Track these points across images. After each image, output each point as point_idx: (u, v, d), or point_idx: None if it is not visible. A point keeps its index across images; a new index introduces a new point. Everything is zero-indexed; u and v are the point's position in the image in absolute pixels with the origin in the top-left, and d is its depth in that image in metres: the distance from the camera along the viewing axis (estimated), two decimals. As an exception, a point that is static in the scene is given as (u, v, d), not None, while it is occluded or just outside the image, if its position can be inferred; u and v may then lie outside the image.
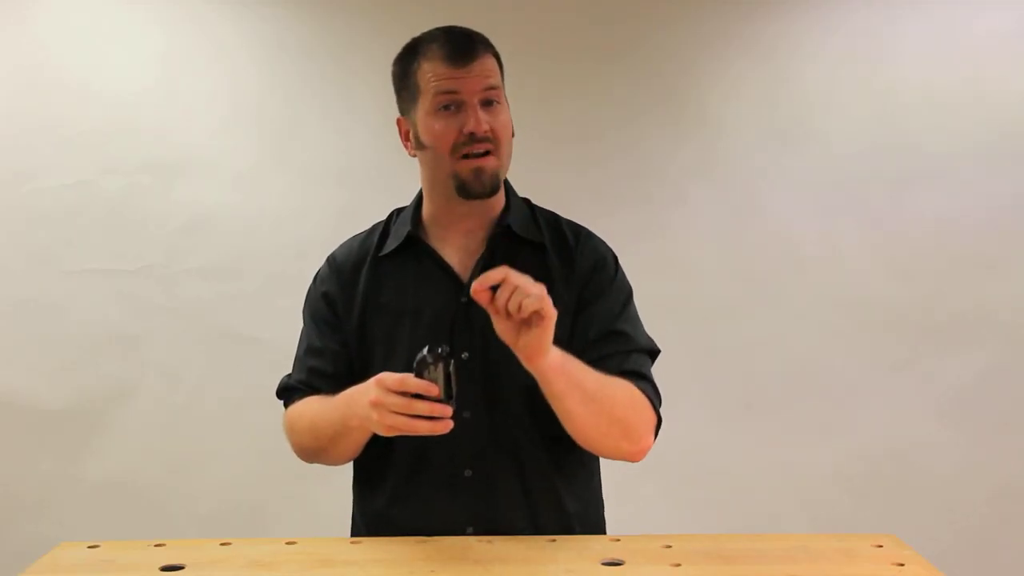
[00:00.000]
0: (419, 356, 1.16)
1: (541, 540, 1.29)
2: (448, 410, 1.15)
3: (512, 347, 1.20)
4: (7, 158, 2.76)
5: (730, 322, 2.80)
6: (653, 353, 1.43)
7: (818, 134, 2.80)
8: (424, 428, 1.16)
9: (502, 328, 1.19)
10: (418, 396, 1.15)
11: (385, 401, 1.16)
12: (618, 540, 1.29)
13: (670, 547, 1.24)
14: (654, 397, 1.37)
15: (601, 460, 1.49)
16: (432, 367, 1.15)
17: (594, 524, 1.48)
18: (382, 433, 1.21)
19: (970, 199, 2.76)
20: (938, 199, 2.77)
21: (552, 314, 1.16)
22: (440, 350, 1.16)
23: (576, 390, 1.25)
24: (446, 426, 1.16)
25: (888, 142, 2.78)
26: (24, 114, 2.76)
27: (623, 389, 1.32)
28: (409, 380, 1.16)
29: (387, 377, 1.18)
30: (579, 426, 1.30)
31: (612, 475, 1.53)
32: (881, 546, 1.25)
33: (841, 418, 2.78)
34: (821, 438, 2.78)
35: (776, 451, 2.79)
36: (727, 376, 2.80)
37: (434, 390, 1.15)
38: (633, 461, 1.36)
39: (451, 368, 1.16)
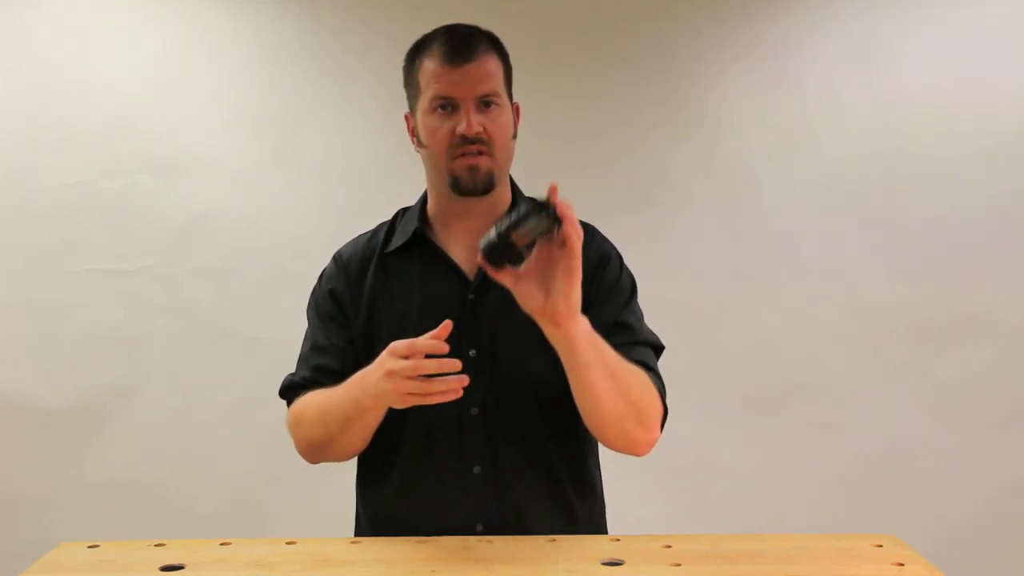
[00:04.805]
0: (535, 202, 1.11)
1: (541, 540, 1.29)
2: (458, 364, 1.15)
3: (539, 314, 1.16)
4: (7, 158, 2.76)
5: (730, 322, 2.80)
6: (657, 348, 1.43)
7: (818, 135, 2.79)
8: (438, 389, 1.16)
9: (527, 292, 1.16)
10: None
11: (397, 368, 1.17)
12: (618, 540, 1.29)
13: (670, 547, 1.24)
14: (661, 388, 1.36)
15: (602, 459, 1.49)
16: (543, 217, 1.10)
17: (598, 523, 1.48)
18: (397, 405, 1.20)
19: (970, 200, 2.76)
20: (938, 199, 2.77)
21: (576, 251, 1.13)
22: (550, 208, 1.10)
23: (601, 362, 1.22)
24: (461, 381, 1.15)
25: (888, 143, 2.77)
26: (24, 114, 2.76)
27: (637, 373, 1.31)
28: (418, 341, 1.16)
29: (397, 344, 1.18)
30: (598, 403, 1.25)
31: (612, 475, 1.53)
32: (881, 546, 1.25)
33: (841, 418, 2.78)
34: (821, 438, 2.79)
35: (776, 451, 2.79)
36: (727, 376, 2.80)
37: (443, 347, 1.15)
38: (639, 454, 1.33)
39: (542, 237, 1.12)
